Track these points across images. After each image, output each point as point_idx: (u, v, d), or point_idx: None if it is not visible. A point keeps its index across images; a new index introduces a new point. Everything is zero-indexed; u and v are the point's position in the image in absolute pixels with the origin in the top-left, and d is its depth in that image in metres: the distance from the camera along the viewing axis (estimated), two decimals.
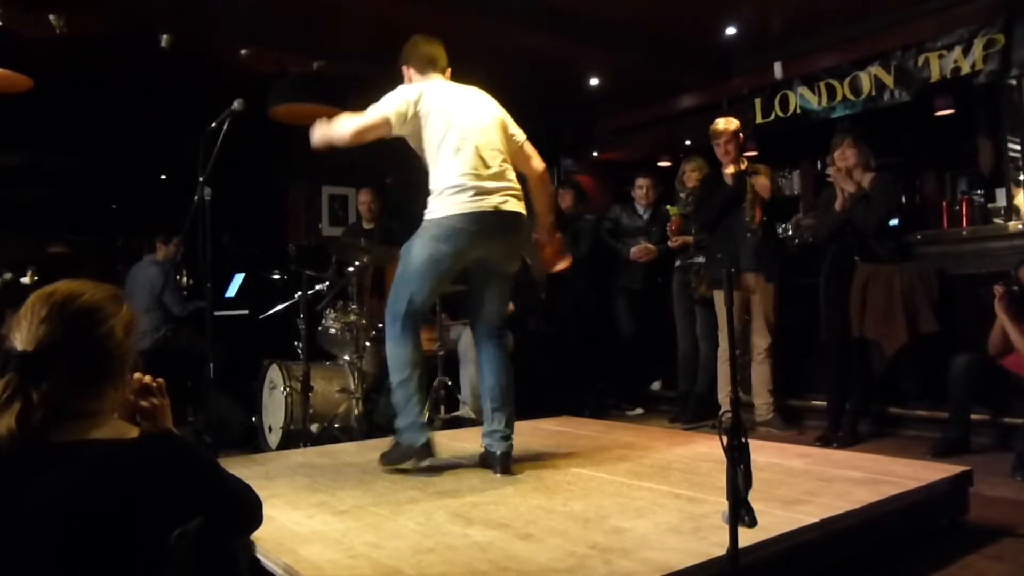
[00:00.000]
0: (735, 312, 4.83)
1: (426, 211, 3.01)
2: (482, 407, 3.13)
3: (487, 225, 2.93)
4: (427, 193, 3.02)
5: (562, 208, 5.68)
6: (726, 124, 4.85)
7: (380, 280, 5.69)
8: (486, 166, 2.96)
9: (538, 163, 3.24)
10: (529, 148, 3.22)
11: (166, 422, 1.55)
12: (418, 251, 2.96)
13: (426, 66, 3.17)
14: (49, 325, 1.30)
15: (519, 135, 3.20)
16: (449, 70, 3.22)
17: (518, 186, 3.06)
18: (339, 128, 2.98)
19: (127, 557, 1.20)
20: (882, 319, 4.23)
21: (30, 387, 1.26)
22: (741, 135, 4.87)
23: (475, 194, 2.91)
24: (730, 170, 4.80)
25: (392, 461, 3.02)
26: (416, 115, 2.99)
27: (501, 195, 2.96)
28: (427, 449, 2.99)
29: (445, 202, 2.92)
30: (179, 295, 5.57)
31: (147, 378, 1.54)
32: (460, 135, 2.96)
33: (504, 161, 3.03)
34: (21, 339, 1.30)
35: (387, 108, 2.97)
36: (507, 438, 3.01)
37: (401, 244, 5.44)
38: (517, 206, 3.02)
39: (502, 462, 2.95)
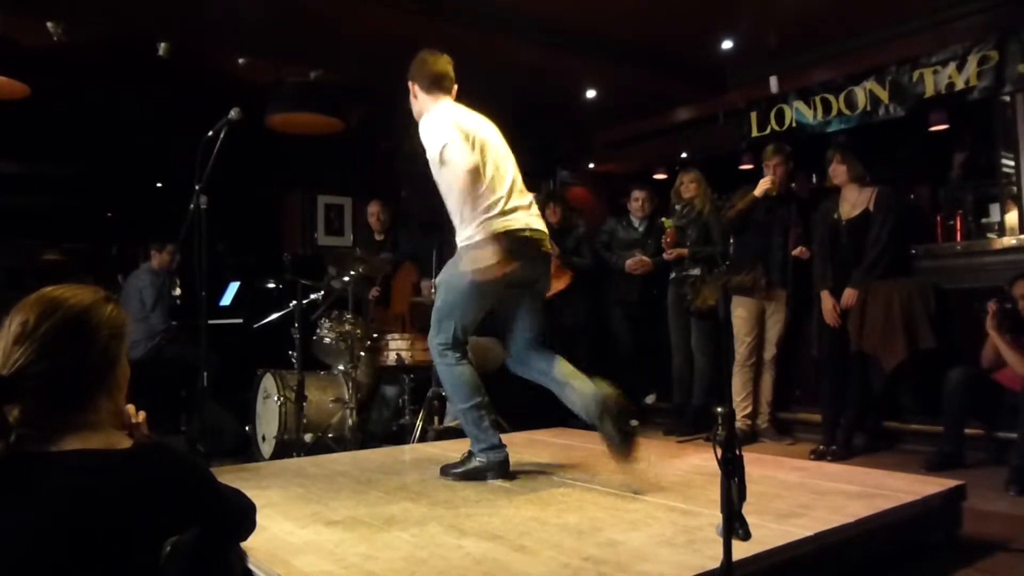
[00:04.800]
0: (751, 324, 4.87)
1: (464, 237, 2.99)
2: (573, 406, 3.04)
3: (529, 246, 2.98)
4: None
5: (552, 222, 5.69)
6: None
7: (387, 290, 5.71)
8: (518, 190, 3.03)
9: None
10: None
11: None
12: (462, 279, 2.95)
13: (433, 86, 3.12)
14: (23, 345, 1.27)
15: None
16: (455, 88, 3.19)
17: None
18: (463, 182, 2.87)
19: (119, 568, 1.19)
20: (881, 334, 4.24)
21: (3, 408, 1.23)
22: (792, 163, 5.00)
23: (515, 217, 2.95)
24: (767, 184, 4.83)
25: (465, 477, 3.01)
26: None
27: (534, 217, 3.04)
28: (506, 465, 3.02)
29: (487, 227, 2.90)
30: (166, 308, 5.50)
31: (131, 408, 1.50)
32: (494, 160, 3.00)
33: (519, 180, 3.09)
34: None
35: (456, 150, 2.86)
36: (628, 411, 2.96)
37: (408, 255, 5.45)
38: (544, 226, 3.09)
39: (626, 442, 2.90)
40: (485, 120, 3.15)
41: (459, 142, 2.88)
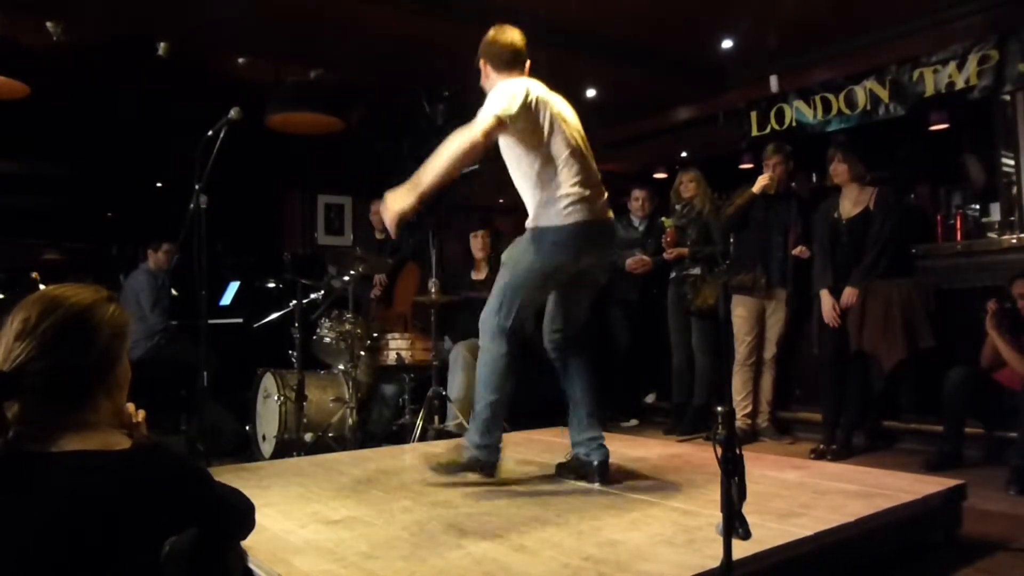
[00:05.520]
0: (752, 323, 4.87)
1: (533, 219, 2.86)
2: (573, 415, 3.01)
3: (599, 234, 2.87)
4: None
5: None
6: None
7: (389, 288, 5.71)
8: (594, 173, 2.89)
9: None
10: None
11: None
12: (530, 263, 2.83)
13: (506, 65, 2.94)
14: (24, 342, 1.28)
15: None
16: (528, 63, 3.02)
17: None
18: (459, 146, 2.67)
19: (119, 568, 1.19)
20: (881, 334, 4.24)
21: (2, 405, 1.24)
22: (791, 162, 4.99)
23: (590, 203, 2.82)
24: (764, 181, 4.83)
25: (451, 469, 2.90)
26: (528, 109, 2.75)
27: (605, 203, 2.91)
28: (495, 468, 2.92)
29: (560, 211, 2.78)
30: (164, 308, 5.50)
31: (131, 407, 1.50)
32: (570, 138, 2.83)
33: (595, 166, 2.95)
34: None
35: (496, 107, 2.70)
36: (604, 445, 2.94)
37: (410, 255, 5.42)
38: (610, 213, 2.96)
39: (601, 472, 2.88)
40: (563, 100, 2.97)
41: (503, 95, 2.71)
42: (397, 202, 2.72)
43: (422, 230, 5.54)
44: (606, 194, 2.94)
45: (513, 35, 2.98)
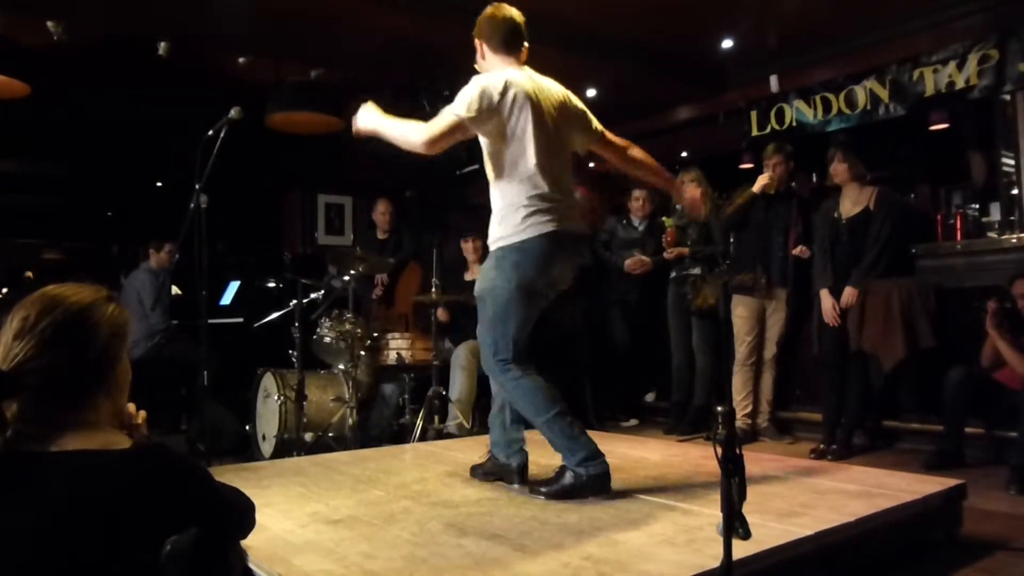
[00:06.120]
0: (752, 323, 4.87)
1: (492, 237, 2.75)
2: (496, 416, 2.95)
3: (566, 246, 2.72)
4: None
5: None
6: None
7: (391, 288, 5.72)
8: (565, 178, 2.75)
9: (622, 140, 3.08)
10: (612, 137, 3.04)
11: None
12: (503, 289, 2.68)
13: (503, 45, 2.80)
14: (23, 340, 1.28)
15: (598, 126, 2.98)
16: (527, 47, 2.87)
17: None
18: (409, 135, 2.62)
19: (119, 568, 1.19)
20: (881, 334, 4.24)
21: (1, 405, 1.24)
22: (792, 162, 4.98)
23: (553, 213, 2.66)
24: (765, 181, 4.83)
25: (561, 496, 2.65)
26: (494, 112, 2.62)
27: (574, 209, 2.78)
28: (606, 479, 2.67)
29: (518, 224, 2.65)
30: (165, 307, 5.50)
31: (131, 407, 1.50)
32: (544, 143, 2.67)
33: (570, 173, 2.82)
34: None
35: (459, 107, 2.59)
36: (525, 449, 2.91)
37: (411, 255, 5.40)
38: (579, 218, 2.83)
39: (520, 474, 2.87)
40: (558, 94, 2.83)
41: (471, 93, 2.60)
42: (362, 122, 2.76)
43: (423, 230, 5.55)
44: (576, 197, 2.83)
45: (511, 12, 2.84)
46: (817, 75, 5.99)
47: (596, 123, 2.99)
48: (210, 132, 3.58)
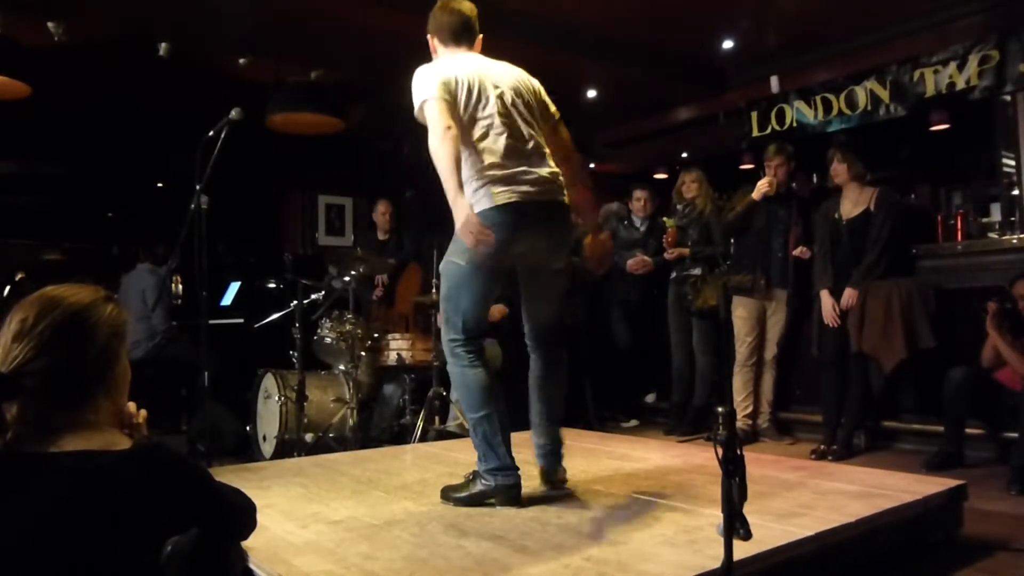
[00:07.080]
0: (752, 323, 4.87)
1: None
2: (532, 418, 2.88)
3: (527, 217, 2.56)
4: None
5: None
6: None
7: (391, 289, 5.72)
8: (525, 149, 2.62)
9: (566, 145, 2.86)
10: (564, 132, 2.86)
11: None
12: (454, 265, 2.60)
13: (452, 38, 2.75)
14: (22, 342, 1.28)
15: (555, 114, 2.85)
16: (481, 37, 2.81)
17: (557, 169, 2.69)
18: (435, 150, 2.44)
19: (119, 568, 1.19)
20: (881, 334, 4.23)
21: (1, 406, 1.24)
22: (792, 163, 4.97)
23: (509, 182, 2.54)
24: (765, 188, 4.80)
25: (468, 503, 2.62)
26: (446, 85, 2.54)
27: (542, 179, 2.61)
28: (516, 491, 2.61)
29: (477, 195, 2.53)
30: (167, 307, 5.49)
31: (132, 407, 1.50)
32: (495, 112, 2.58)
33: (540, 141, 2.69)
34: None
35: (428, 92, 2.51)
36: (553, 454, 2.84)
37: (412, 256, 5.38)
38: (556, 193, 2.65)
39: (547, 477, 2.83)
40: (509, 71, 2.74)
41: (428, 84, 2.52)
42: (461, 222, 2.38)
43: (423, 230, 5.55)
44: (548, 169, 2.64)
45: (462, 5, 2.77)
46: (817, 76, 5.99)
47: (553, 109, 2.87)
48: (210, 133, 3.58)
